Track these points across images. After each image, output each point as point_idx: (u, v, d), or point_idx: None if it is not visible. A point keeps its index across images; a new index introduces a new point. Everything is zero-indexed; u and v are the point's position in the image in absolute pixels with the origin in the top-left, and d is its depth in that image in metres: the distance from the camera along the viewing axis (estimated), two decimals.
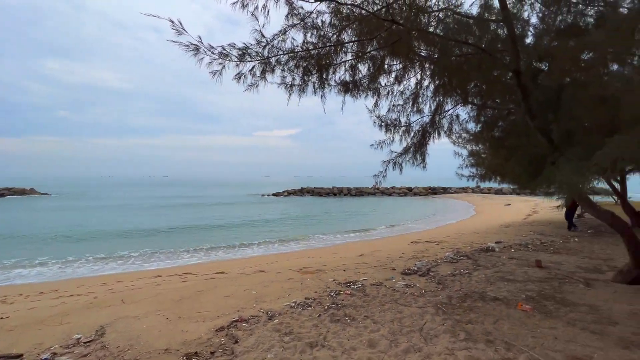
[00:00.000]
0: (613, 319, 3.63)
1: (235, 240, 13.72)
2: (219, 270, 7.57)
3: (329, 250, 10.63)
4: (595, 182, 11.42)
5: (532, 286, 4.85)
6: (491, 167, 11.33)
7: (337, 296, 4.58)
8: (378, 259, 7.61)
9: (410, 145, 6.94)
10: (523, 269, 5.89)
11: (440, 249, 8.65)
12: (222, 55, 4.01)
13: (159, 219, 20.85)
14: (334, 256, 8.85)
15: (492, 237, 10.54)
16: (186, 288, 5.57)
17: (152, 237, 14.47)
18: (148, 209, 27.55)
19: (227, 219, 20.76)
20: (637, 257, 4.46)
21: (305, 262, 7.85)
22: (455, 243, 9.67)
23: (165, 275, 7.49)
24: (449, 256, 7.21)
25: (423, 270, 6.00)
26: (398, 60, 5.88)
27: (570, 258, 6.80)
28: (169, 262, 9.90)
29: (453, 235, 11.99)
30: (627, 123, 2.81)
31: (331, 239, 13.82)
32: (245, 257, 10.17)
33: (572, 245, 8.37)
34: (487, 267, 6.19)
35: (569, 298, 4.32)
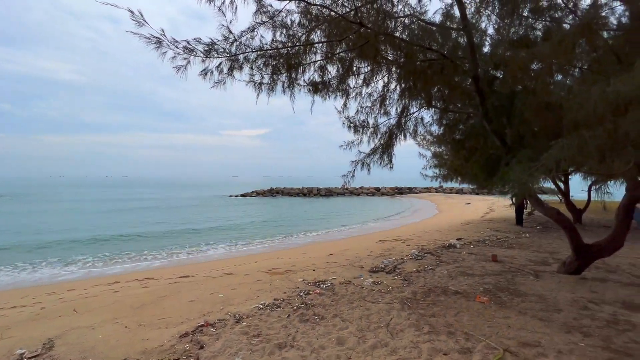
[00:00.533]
0: (558, 306, 3.98)
1: (200, 243, 13.25)
2: (184, 274, 7.26)
3: (299, 250, 10.61)
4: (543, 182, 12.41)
5: (489, 279, 5.18)
6: (452, 167, 11.96)
7: (307, 296, 4.59)
8: (347, 258, 7.72)
9: (377, 146, 7.12)
10: (481, 264, 6.27)
11: (406, 246, 8.96)
12: (187, 50, 3.86)
13: (114, 222, 19.59)
14: (303, 256, 8.84)
15: (454, 234, 11.11)
16: (147, 294, 5.27)
17: (108, 243, 13.55)
18: (98, 212, 25.76)
19: (192, 221, 19.99)
20: (578, 250, 4.93)
21: (274, 263, 7.77)
22: (420, 241, 10.07)
23: (124, 282, 7.04)
24: (414, 253, 7.49)
25: (390, 267, 6.18)
26: (366, 62, 6.01)
27: (522, 252, 7.35)
28: (128, 267, 9.32)
29: (418, 233, 12.48)
30: (568, 128, 3.10)
31: (301, 240, 13.81)
32: (212, 260, 9.85)
33: (523, 240, 9.06)
34: (449, 262, 6.51)
35: (520, 289, 4.67)
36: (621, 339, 3.13)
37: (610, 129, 2.18)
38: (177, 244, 12.98)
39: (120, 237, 14.53)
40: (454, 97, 6.24)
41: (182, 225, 18.13)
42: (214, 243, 13.14)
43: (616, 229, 4.61)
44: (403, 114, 6.81)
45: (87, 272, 8.91)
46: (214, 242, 13.29)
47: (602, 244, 4.77)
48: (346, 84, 7.01)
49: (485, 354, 2.86)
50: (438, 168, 14.34)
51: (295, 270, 6.47)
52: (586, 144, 2.42)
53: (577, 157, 2.38)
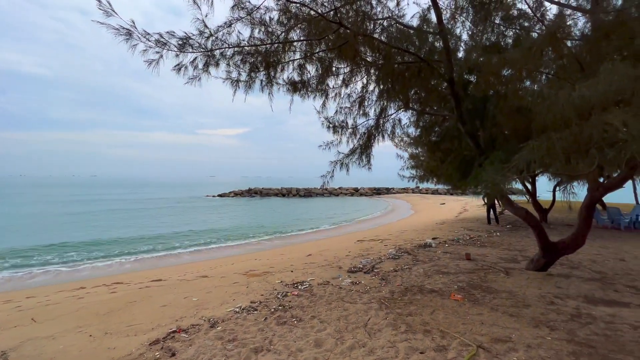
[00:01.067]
0: (527, 302, 4.15)
1: (174, 245, 12.79)
2: (156, 278, 6.96)
3: (277, 251, 10.49)
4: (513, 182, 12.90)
5: (463, 277, 5.34)
6: (428, 168, 12.26)
7: (284, 298, 4.51)
8: (326, 258, 7.70)
9: (356, 147, 7.17)
10: (455, 262, 6.45)
11: (384, 246, 9.08)
12: (160, 43, 3.69)
13: (80, 225, 18.56)
14: (281, 257, 8.74)
15: (430, 234, 11.40)
16: (115, 299, 5.00)
17: (73, 246, 12.78)
18: (62, 214, 24.32)
19: (164, 223, 19.29)
20: (545, 247, 5.18)
21: (251, 265, 7.62)
22: (397, 240, 10.24)
23: (90, 287, 6.65)
24: (391, 253, 7.59)
25: (368, 267, 6.22)
26: (345, 63, 6.03)
27: (494, 250, 7.64)
28: (95, 272, 8.82)
29: (395, 233, 12.70)
30: (537, 131, 3.24)
31: (279, 241, 13.67)
32: (186, 263, 9.52)
33: (495, 239, 9.43)
34: (425, 261, 6.65)
35: (492, 286, 4.84)
36: (583, 331, 3.30)
37: (576, 132, 2.30)
38: (149, 246, 12.46)
39: (87, 240, 13.75)
40: (431, 100, 6.39)
41: (154, 228, 17.45)
42: (189, 245, 12.73)
43: (578, 227, 4.89)
44: (381, 115, 6.89)
45: (49, 278, 8.34)
46: (188, 244, 12.88)
47: (566, 242, 5.03)
48: (325, 84, 7.01)
49: (459, 351, 2.92)
50: (415, 169, 14.68)
51: (273, 271, 6.37)
52: (554, 146, 2.54)
53: (545, 158, 2.49)
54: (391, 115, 7.38)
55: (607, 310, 3.89)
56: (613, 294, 4.46)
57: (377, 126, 7.29)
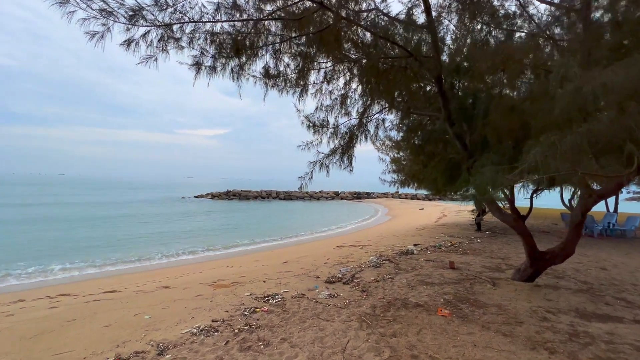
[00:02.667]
0: (519, 318, 3.80)
1: (139, 248, 11.82)
2: (110, 288, 6.17)
3: (251, 257, 9.83)
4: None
5: (449, 288, 4.97)
6: (410, 173, 12.00)
7: (252, 315, 3.95)
8: (302, 266, 7.18)
9: (337, 147, 6.72)
10: (439, 271, 6.11)
11: (365, 252, 8.67)
12: (105, 12, 3.07)
13: (31, 226, 17.03)
14: (255, 265, 8.13)
15: (410, 239, 11.12)
16: (51, 317, 4.24)
17: (20, 250, 11.52)
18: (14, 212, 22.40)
19: (132, 224, 18.06)
20: (532, 257, 4.91)
21: (221, 273, 6.97)
22: (378, 246, 9.87)
23: (30, 299, 5.77)
24: (372, 261, 7.17)
25: (347, 277, 5.75)
26: (326, 56, 5.58)
27: (476, 258, 7.39)
28: (43, 281, 7.83)
29: (376, 238, 12.36)
30: (538, 130, 2.90)
31: (255, 246, 12.98)
32: (149, 270, 8.68)
33: (476, 246, 9.25)
34: (408, 270, 6.27)
35: (480, 299, 4.49)
36: (585, 354, 2.97)
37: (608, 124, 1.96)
38: (110, 249, 11.42)
39: (38, 243, 12.48)
40: (417, 99, 6.06)
41: (121, 229, 16.25)
42: (154, 249, 11.78)
43: (569, 236, 4.65)
44: (364, 115, 6.48)
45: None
46: (153, 248, 11.93)
47: (555, 251, 4.79)
48: (306, 79, 6.55)
49: None
50: (396, 173, 14.47)
51: (244, 281, 5.77)
52: (563, 147, 2.18)
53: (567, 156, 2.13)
54: (374, 115, 7.01)
55: (603, 327, 3.60)
56: (605, 308, 4.21)
57: (360, 126, 6.89)
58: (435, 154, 7.00)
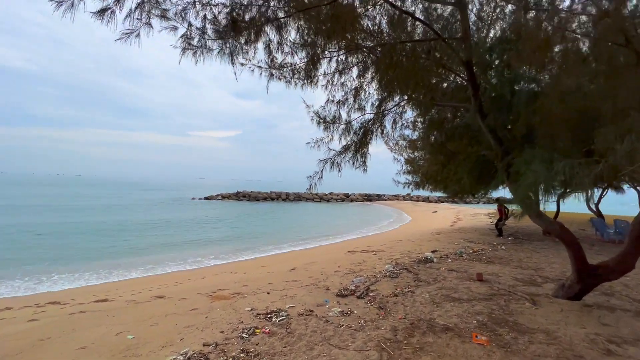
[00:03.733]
0: (576, 350, 3.09)
1: (140, 251, 11.44)
2: (103, 297, 5.70)
3: (257, 263, 9.27)
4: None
5: (480, 306, 4.27)
6: (428, 174, 11.25)
7: (251, 338, 3.35)
8: (311, 274, 6.57)
9: (350, 144, 6.11)
10: (465, 284, 5.40)
11: (378, 259, 8.00)
12: None
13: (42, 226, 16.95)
14: (260, 271, 7.55)
15: (427, 245, 10.38)
16: (25, 334, 3.75)
17: (25, 250, 11.29)
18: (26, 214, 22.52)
19: (136, 226, 17.79)
20: (581, 272, 4.16)
21: (223, 281, 6.42)
22: (392, 252, 9.18)
23: (17, 308, 5.34)
24: (388, 269, 6.50)
25: (361, 289, 5.11)
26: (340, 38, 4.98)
27: (505, 269, 6.63)
28: (42, 286, 7.44)
29: (389, 243, 11.65)
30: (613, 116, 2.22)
31: (262, 249, 12.43)
32: (148, 276, 8.20)
33: (501, 253, 8.45)
34: (429, 282, 5.58)
35: (521, 321, 3.78)
36: None
37: None
38: (115, 253, 11.07)
39: (42, 246, 12.26)
40: (440, 89, 5.38)
41: (127, 231, 15.99)
42: (156, 252, 11.37)
43: (627, 247, 3.90)
44: (381, 107, 5.85)
45: None
46: (156, 251, 11.52)
47: (610, 265, 4.04)
48: (315, 69, 5.98)
49: None
50: (411, 175, 13.72)
51: (246, 292, 5.20)
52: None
53: None
54: (392, 109, 6.36)
55: None
56: None
57: (375, 121, 6.26)
58: (459, 151, 6.31)
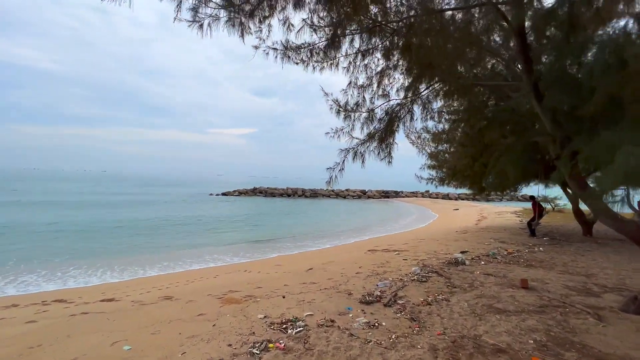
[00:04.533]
0: None
1: (154, 248, 11.28)
2: (110, 295, 5.39)
3: (272, 261, 8.83)
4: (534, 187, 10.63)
5: (533, 321, 3.59)
6: (455, 169, 10.44)
7: (263, 354, 2.85)
8: (330, 275, 6.03)
9: (375, 131, 5.51)
10: (508, 292, 4.70)
11: (403, 260, 7.36)
12: None
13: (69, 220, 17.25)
14: (276, 271, 7.09)
15: (454, 245, 9.61)
16: (16, 339, 3.40)
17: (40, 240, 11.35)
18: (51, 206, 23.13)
19: (153, 221, 17.80)
20: None
21: (235, 281, 5.99)
22: (416, 252, 8.50)
23: (23, 304, 5.11)
24: (416, 272, 5.88)
25: (388, 295, 4.52)
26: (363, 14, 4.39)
27: (550, 274, 5.85)
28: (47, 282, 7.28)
29: (412, 242, 10.94)
30: None
31: (278, 247, 12.00)
32: (159, 274, 7.89)
33: (540, 256, 7.61)
34: (465, 288, 4.92)
35: (589, 343, 3.09)
36: None
37: None
38: (131, 247, 10.95)
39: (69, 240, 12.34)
40: (485, 66, 4.68)
41: (144, 228, 16.00)
42: (173, 249, 11.17)
43: None
44: (411, 91, 5.21)
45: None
46: (168, 247, 11.33)
47: None
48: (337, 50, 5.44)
49: None
50: (435, 170, 12.89)
51: (259, 295, 4.73)
52: None
53: None
54: (422, 93, 5.70)
55: None
56: None
57: (403, 106, 5.62)
58: (495, 142, 5.56)
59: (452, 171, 11.16)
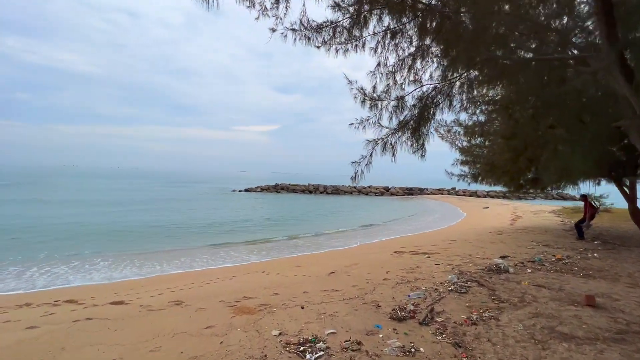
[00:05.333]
0: None
1: (175, 242, 11.21)
2: (121, 297, 5.11)
3: (292, 261, 8.36)
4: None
5: (614, 354, 2.84)
6: (495, 164, 9.51)
7: None
8: (355, 281, 5.45)
9: (408, 119, 4.85)
10: (569, 310, 3.91)
11: (435, 265, 6.63)
12: None
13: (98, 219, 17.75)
14: (295, 273, 6.59)
15: (489, 247, 8.71)
16: (9, 350, 3.10)
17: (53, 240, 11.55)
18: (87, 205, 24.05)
19: (174, 217, 17.94)
20: None
21: (252, 285, 5.55)
22: (448, 255, 7.72)
23: (36, 304, 4.93)
24: (452, 280, 5.17)
25: (423, 311, 3.87)
26: None
27: (616, 287, 4.94)
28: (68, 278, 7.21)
29: (442, 243, 10.11)
30: None
31: (299, 246, 11.55)
32: (175, 273, 7.63)
33: (595, 263, 6.62)
34: (514, 303, 4.17)
35: None
36: None
37: None
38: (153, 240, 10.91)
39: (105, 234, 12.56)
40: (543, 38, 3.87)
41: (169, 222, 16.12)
42: (187, 244, 11.04)
43: None
44: (450, 70, 4.48)
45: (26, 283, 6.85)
46: (187, 243, 11.21)
47: None
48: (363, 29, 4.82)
49: None
50: (468, 166, 11.94)
51: (275, 304, 4.23)
52: None
53: None
54: (459, 77, 4.95)
55: None
56: None
57: (440, 91, 4.91)
58: (556, 130, 4.71)
59: (488, 167, 10.19)
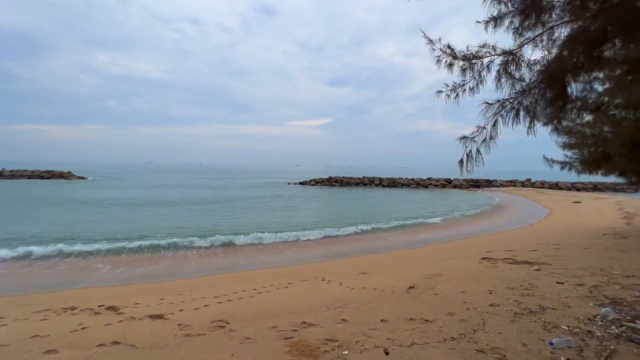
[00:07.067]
0: None
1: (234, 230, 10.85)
2: (164, 307, 4.40)
3: (356, 265, 7.10)
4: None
5: None
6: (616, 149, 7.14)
7: None
8: (449, 307, 3.99)
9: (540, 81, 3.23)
10: None
11: (557, 283, 4.83)
12: None
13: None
14: (362, 284, 5.32)
15: (622, 257, 6.47)
16: None
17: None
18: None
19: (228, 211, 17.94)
20: None
21: (312, 301, 4.45)
22: (566, 267, 5.76)
23: (79, 310, 4.49)
24: (608, 316, 3.44)
25: None
26: None
27: None
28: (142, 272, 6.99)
29: (542, 248, 8.00)
30: None
31: (361, 243, 10.28)
32: (225, 274, 6.94)
33: None
34: None
35: None
36: None
37: None
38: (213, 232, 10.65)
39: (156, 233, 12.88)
40: None
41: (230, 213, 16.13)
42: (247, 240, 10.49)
43: None
44: None
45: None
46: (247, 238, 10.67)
47: None
48: None
49: None
50: (575, 151, 9.49)
51: (345, 341, 3.03)
52: None
53: None
54: None
55: None
56: None
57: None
58: None
59: (611, 150, 7.75)
